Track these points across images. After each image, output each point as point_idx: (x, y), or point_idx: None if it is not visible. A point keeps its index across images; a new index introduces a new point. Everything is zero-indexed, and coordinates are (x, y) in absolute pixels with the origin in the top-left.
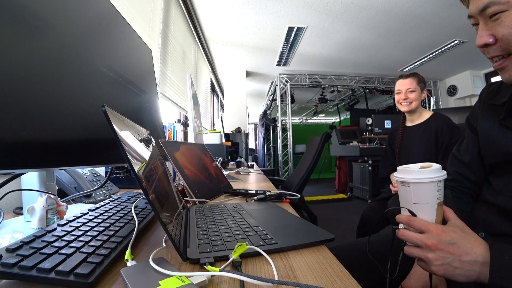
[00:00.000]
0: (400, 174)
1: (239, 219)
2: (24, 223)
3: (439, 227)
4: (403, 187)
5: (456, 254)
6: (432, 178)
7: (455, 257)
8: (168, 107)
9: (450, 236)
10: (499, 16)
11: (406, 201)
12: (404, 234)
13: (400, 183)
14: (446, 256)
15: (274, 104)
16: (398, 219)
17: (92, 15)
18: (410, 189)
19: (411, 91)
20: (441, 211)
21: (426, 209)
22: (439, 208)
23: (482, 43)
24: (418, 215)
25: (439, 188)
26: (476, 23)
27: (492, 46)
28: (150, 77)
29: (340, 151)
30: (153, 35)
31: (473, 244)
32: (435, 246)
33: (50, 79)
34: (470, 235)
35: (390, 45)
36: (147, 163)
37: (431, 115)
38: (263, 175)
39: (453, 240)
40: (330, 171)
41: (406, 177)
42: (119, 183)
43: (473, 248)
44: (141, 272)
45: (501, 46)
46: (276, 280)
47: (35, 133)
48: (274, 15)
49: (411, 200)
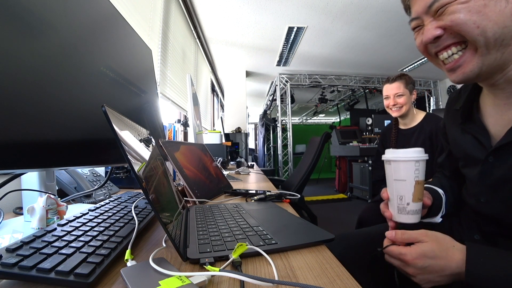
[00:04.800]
0: (385, 155)
1: (239, 219)
2: (24, 223)
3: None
4: (387, 165)
5: (433, 273)
6: (409, 157)
7: (433, 274)
8: (168, 107)
9: (422, 262)
10: (445, 8)
11: (389, 178)
12: (389, 260)
13: (385, 162)
14: (425, 277)
15: (274, 104)
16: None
17: (92, 15)
18: (391, 167)
19: (399, 96)
20: (420, 189)
21: (404, 185)
22: (417, 186)
23: (431, 36)
24: (397, 190)
25: (417, 167)
26: (418, 25)
27: (442, 37)
28: (150, 77)
29: (340, 151)
30: (153, 35)
31: (446, 261)
32: (412, 273)
33: (50, 79)
34: (444, 250)
35: (390, 45)
36: (147, 163)
37: (424, 117)
38: (263, 175)
39: (426, 264)
40: (330, 171)
41: (388, 156)
42: (119, 183)
43: (448, 263)
44: (141, 272)
45: (452, 33)
46: (276, 280)
47: (35, 133)
48: (274, 15)
49: (392, 177)
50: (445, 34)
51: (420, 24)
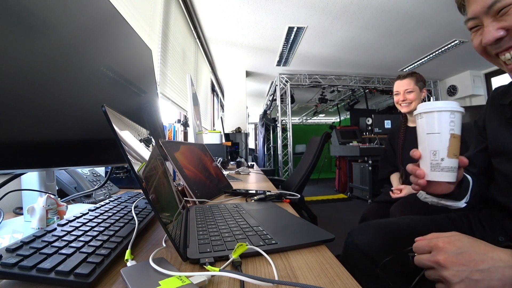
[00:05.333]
0: (417, 109)
1: (239, 219)
2: (24, 223)
3: (444, 239)
4: (419, 120)
5: (470, 265)
6: (444, 107)
7: (471, 268)
8: (168, 107)
9: (456, 246)
10: (508, 9)
11: (420, 135)
12: (417, 259)
13: (417, 117)
14: (461, 269)
15: (274, 104)
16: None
17: (92, 15)
18: (423, 120)
19: (409, 92)
20: (455, 144)
21: (438, 139)
22: (452, 140)
23: (492, 38)
24: (430, 144)
25: (453, 119)
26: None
27: (504, 38)
28: (150, 77)
29: (340, 151)
30: (153, 35)
31: (485, 250)
32: (444, 261)
33: (50, 79)
34: (479, 241)
35: (390, 45)
36: (147, 163)
37: None
38: (263, 175)
39: (461, 250)
40: (330, 171)
41: (420, 108)
42: (119, 183)
43: (487, 253)
44: (141, 272)
45: None
46: (276, 280)
47: (35, 133)
48: (274, 15)
49: (424, 132)
50: (507, 36)
51: (478, 24)
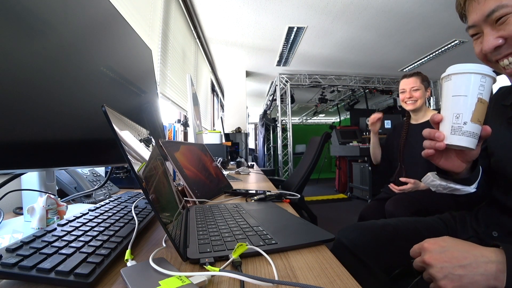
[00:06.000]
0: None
1: (239, 219)
2: (24, 223)
3: (430, 241)
4: (446, 82)
5: (453, 261)
6: (476, 70)
7: (453, 264)
8: (168, 107)
9: (440, 246)
10: (506, 18)
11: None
12: (414, 263)
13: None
14: (444, 266)
15: (274, 104)
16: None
17: (92, 15)
18: (451, 82)
19: (415, 90)
20: (481, 110)
21: (463, 101)
22: (479, 105)
23: (492, 46)
24: (454, 107)
25: (483, 83)
26: (477, 33)
27: (503, 46)
28: (150, 77)
29: (340, 151)
30: (153, 35)
31: (468, 248)
32: (429, 260)
33: (50, 79)
34: (463, 241)
35: (390, 45)
36: (147, 163)
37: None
38: (263, 175)
39: (445, 248)
40: (330, 171)
41: (450, 70)
42: (119, 183)
43: (470, 251)
44: (141, 272)
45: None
46: (276, 280)
47: (35, 133)
48: (274, 15)
49: (449, 94)
50: (506, 44)
51: (478, 31)
